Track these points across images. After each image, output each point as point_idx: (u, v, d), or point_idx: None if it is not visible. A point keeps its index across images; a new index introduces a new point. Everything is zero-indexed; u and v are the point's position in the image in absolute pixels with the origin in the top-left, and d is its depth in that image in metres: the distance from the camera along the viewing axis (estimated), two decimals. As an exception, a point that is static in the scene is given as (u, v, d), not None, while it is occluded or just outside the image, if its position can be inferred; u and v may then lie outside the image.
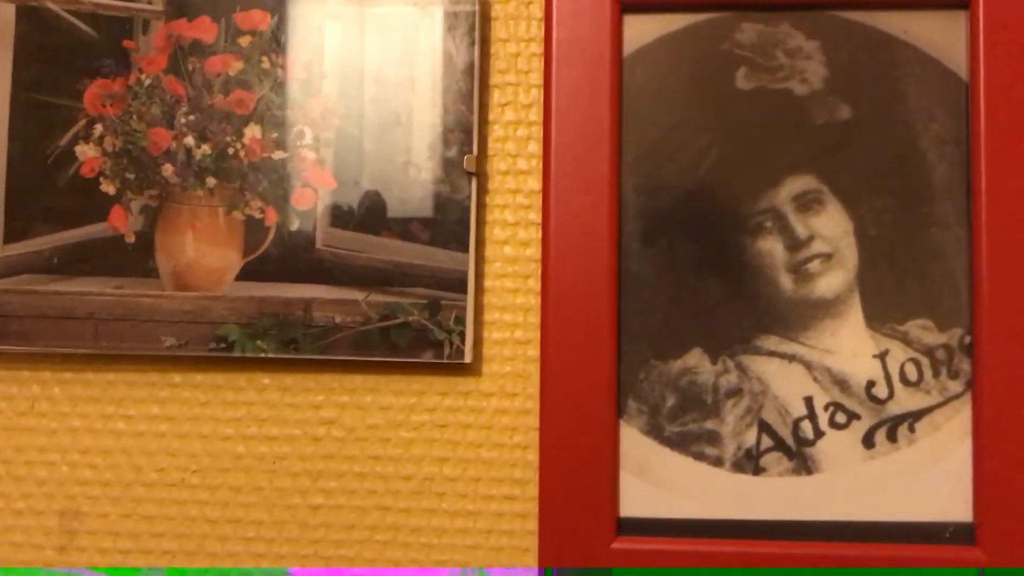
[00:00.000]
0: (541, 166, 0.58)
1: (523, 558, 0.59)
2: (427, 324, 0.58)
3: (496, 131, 0.60)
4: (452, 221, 0.58)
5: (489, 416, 0.59)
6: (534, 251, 0.59)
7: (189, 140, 0.59)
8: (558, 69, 0.58)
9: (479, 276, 0.59)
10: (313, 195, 0.59)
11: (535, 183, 0.60)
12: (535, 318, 0.59)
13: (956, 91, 0.57)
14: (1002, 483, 0.55)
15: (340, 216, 0.59)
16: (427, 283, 0.58)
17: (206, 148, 0.59)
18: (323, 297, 0.58)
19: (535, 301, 0.59)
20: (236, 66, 0.59)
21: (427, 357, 0.58)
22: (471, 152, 0.58)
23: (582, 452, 0.57)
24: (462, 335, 0.58)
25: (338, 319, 0.58)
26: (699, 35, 0.58)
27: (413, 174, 0.58)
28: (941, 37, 0.57)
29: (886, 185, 0.57)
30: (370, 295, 0.58)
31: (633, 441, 0.57)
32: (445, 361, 0.58)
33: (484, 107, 0.60)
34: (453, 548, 0.59)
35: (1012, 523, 0.54)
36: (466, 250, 0.58)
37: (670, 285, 0.58)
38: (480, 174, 0.60)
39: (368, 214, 0.58)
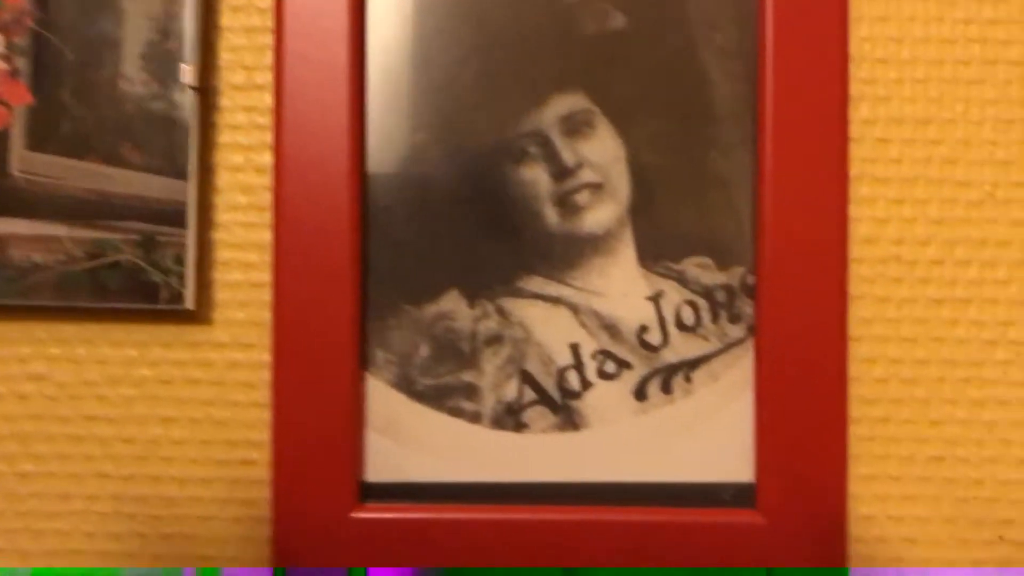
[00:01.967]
0: (275, 80, 0.50)
1: (259, 529, 0.51)
2: (141, 264, 0.50)
3: (229, 39, 0.52)
4: (169, 143, 0.50)
5: (221, 370, 0.52)
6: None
7: None
8: (292, -34, 0.49)
9: (206, 208, 0.51)
10: (6, 113, 0.50)
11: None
12: (276, 257, 0.51)
13: (744, -1, 0.50)
14: (784, 439, 0.49)
15: (39, 137, 0.50)
16: (140, 216, 0.50)
17: None
18: (20, 232, 0.50)
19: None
20: (-93, -43, 0.49)
21: (140, 302, 0.50)
22: (190, 62, 0.50)
23: (321, 409, 0.49)
24: (181, 277, 0.50)
25: (38, 258, 0.50)
26: (456, -71, 0.50)
27: (124, 88, 0.50)
28: (728, -64, 0.50)
29: (663, 105, 0.50)
30: (74, 230, 0.50)
31: (381, 396, 0.50)
32: (161, 307, 0.50)
33: (213, 11, 0.51)
34: (182, 519, 0.52)
35: (793, 483, 0.49)
36: (185, 177, 0.50)
37: (423, 219, 0.50)
38: (208, 90, 0.51)
39: (71, 135, 0.50)
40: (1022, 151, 0.51)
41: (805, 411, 0.49)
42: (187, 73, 0.50)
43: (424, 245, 0.50)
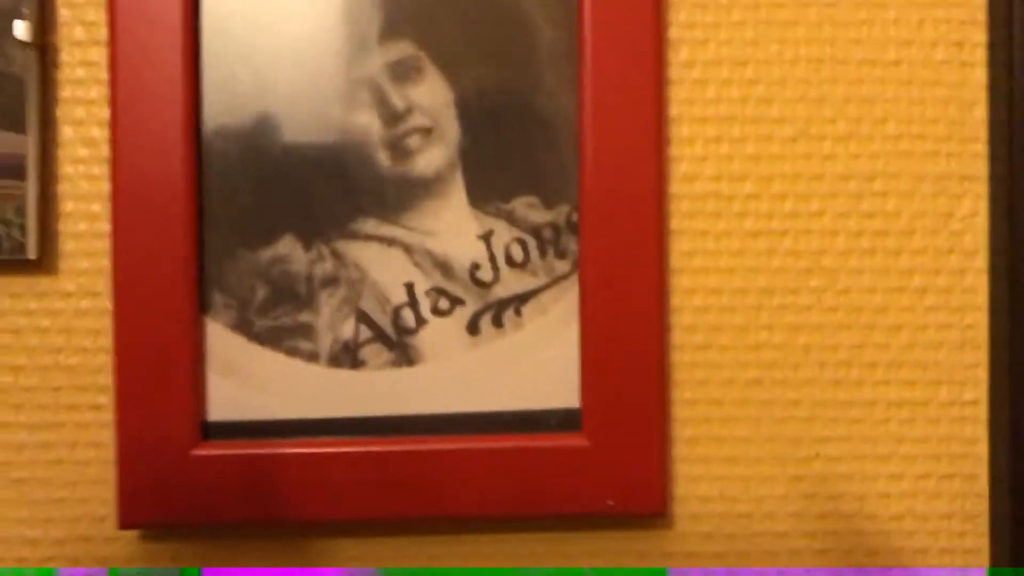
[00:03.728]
0: (109, 33, 0.52)
1: (106, 472, 0.53)
2: (-19, 216, 0.51)
3: (66, -4, 0.53)
4: (6, 99, 0.51)
5: (69, 318, 0.53)
6: (117, 132, 0.53)
7: None
8: (121, -79, 0.51)
9: (48, 162, 0.53)
10: None
11: (117, 56, 0.53)
12: (121, 208, 0.53)
13: (563, -53, 0.52)
14: (607, 366, 0.52)
15: None
16: (-21, 169, 0.51)
17: None
18: None
19: (120, 189, 0.53)
20: None
21: (-18, 253, 0.51)
22: (26, 18, 0.51)
23: (161, 352, 0.51)
24: (23, 228, 0.51)
25: None
26: None
27: (-42, 44, 0.51)
28: None
29: (489, 51, 0.52)
30: (-87, 184, 0.51)
31: (220, 338, 0.52)
32: (4, 257, 0.51)
33: (47, -33, 0.53)
34: (33, 464, 0.53)
35: (616, 407, 0.52)
36: (23, 131, 0.51)
37: (258, 165, 0.52)
38: (47, 46, 0.52)
39: (-93, 91, 0.51)
40: (833, 89, 0.54)
41: (628, 340, 0.52)
42: (22, 29, 0.51)
43: (259, 191, 0.52)
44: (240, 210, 0.52)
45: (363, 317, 0.52)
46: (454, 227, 0.52)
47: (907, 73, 0.54)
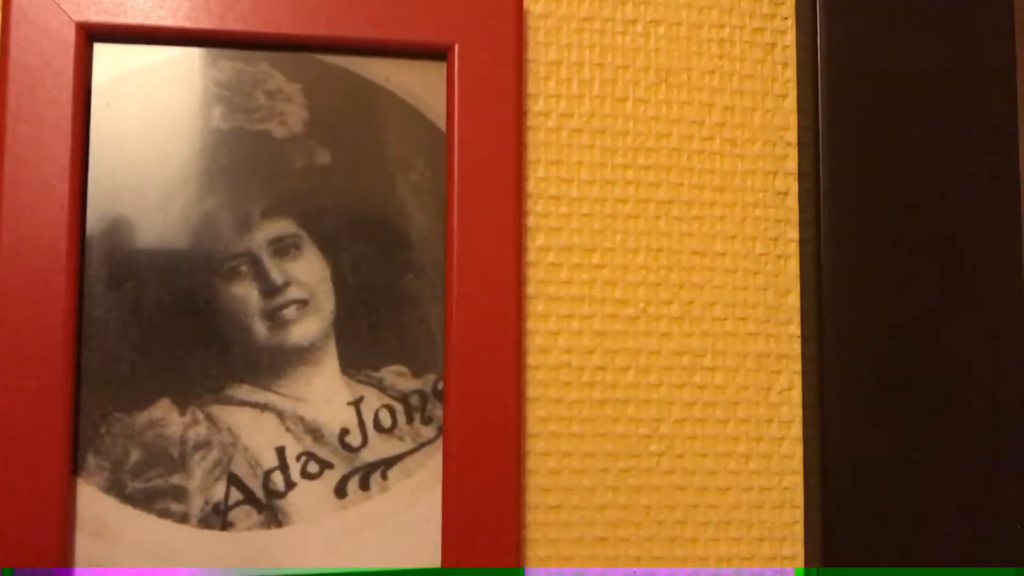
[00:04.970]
0: None
1: (-40, 637, 0.52)
2: None
3: (-49, 161, 0.54)
4: None
5: (-71, 478, 0.53)
6: None
7: None
8: (16, 99, 0.53)
9: (-81, 321, 0.53)
10: None
11: (-2, 219, 0.54)
12: (-8, 368, 0.54)
13: (435, 142, 0.58)
14: (467, 528, 0.55)
15: None
16: None
17: None
18: None
19: (-8, 349, 0.54)
20: None
21: None
22: (-93, 183, 0.52)
23: (32, 515, 0.51)
24: None
25: None
26: (175, 70, 0.56)
27: None
28: (421, 87, 0.58)
29: (364, 232, 0.57)
30: None
31: (91, 500, 0.53)
32: None
33: (-66, 134, 0.54)
34: None
35: (474, 567, 0.55)
36: (-102, 292, 0.52)
37: (137, 332, 0.54)
38: (-73, 208, 0.54)
39: None
40: (668, 275, 0.61)
41: (487, 502, 0.56)
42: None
43: (138, 356, 0.54)
44: (118, 374, 0.54)
45: (234, 480, 0.54)
46: (326, 394, 0.56)
47: (731, 263, 0.61)
